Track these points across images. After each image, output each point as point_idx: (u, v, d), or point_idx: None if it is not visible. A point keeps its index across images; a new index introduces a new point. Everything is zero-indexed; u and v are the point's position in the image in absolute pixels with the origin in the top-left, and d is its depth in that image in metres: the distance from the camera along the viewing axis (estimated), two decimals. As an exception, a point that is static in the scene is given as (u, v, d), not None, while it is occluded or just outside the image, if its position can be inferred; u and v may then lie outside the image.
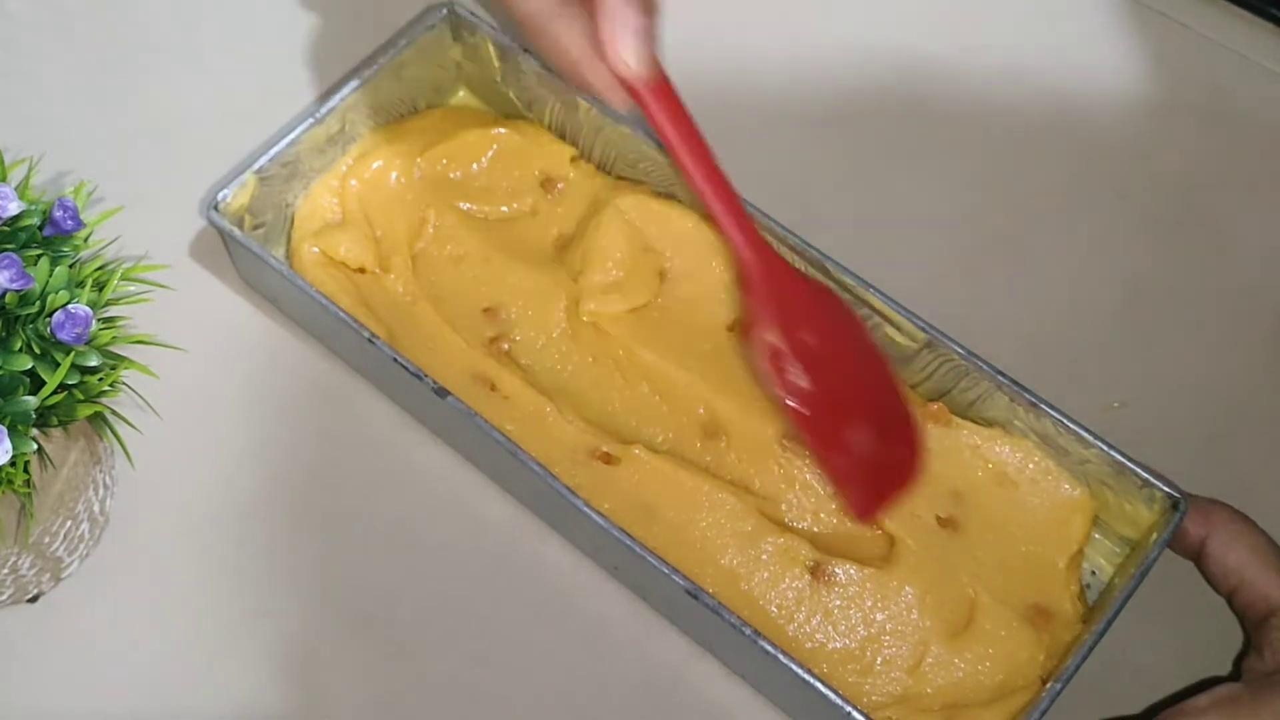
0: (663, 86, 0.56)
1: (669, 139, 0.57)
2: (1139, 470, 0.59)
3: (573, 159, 0.69)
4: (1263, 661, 0.57)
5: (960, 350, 0.61)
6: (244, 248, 0.63)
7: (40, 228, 0.55)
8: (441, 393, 0.60)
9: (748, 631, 0.56)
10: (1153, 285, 0.69)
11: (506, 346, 0.65)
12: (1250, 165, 0.73)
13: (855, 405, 0.61)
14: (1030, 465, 0.62)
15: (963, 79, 0.74)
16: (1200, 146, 0.73)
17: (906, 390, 0.63)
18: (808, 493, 0.62)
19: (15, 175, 0.56)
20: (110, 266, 0.56)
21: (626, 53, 0.53)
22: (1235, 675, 0.59)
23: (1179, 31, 0.76)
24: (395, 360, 0.61)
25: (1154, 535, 0.59)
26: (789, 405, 0.59)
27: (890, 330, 0.63)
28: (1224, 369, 0.67)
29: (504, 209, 0.69)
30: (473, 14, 0.68)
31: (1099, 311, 0.69)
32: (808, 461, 0.62)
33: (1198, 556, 0.59)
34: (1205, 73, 0.75)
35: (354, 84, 0.67)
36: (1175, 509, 0.59)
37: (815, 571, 0.60)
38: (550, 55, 0.55)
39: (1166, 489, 0.59)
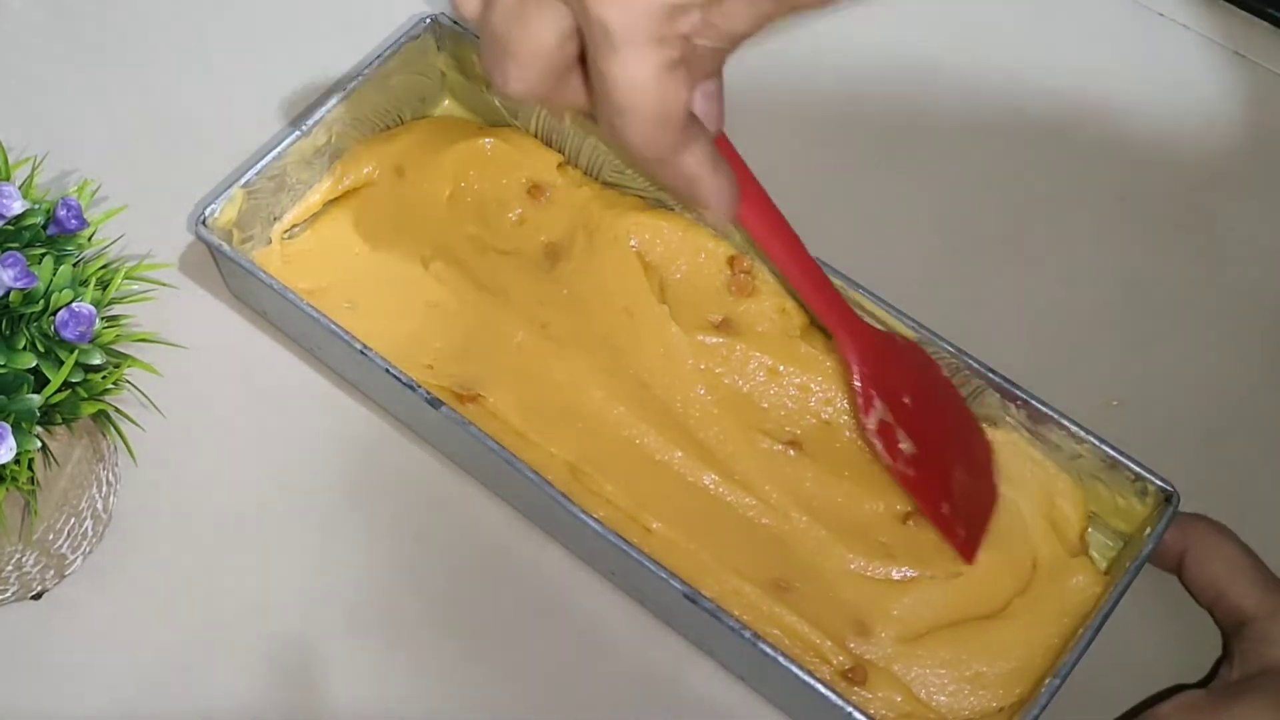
0: (752, 197, 0.54)
1: (764, 241, 0.57)
2: (1131, 464, 0.59)
3: (559, 165, 0.69)
4: (1231, 671, 0.57)
5: (950, 348, 0.61)
6: (232, 262, 0.63)
7: (44, 226, 0.55)
8: (435, 403, 0.60)
9: (747, 634, 0.56)
10: (1150, 285, 0.69)
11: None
12: (1249, 166, 0.72)
13: (950, 452, 0.61)
14: (1022, 461, 0.62)
15: (960, 78, 0.74)
16: (1199, 147, 0.73)
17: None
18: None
19: (19, 174, 0.57)
20: (114, 265, 0.56)
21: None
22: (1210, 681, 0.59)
23: (1179, 31, 0.76)
24: (388, 371, 0.61)
25: (1148, 528, 0.59)
26: (901, 473, 0.60)
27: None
28: (1221, 368, 0.67)
29: (494, 218, 0.68)
30: (456, 23, 0.68)
31: (1096, 311, 0.69)
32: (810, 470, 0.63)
33: (1178, 570, 0.60)
34: (1205, 73, 0.75)
35: (339, 95, 0.67)
36: (1168, 501, 0.58)
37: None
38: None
39: (1160, 482, 0.59)
